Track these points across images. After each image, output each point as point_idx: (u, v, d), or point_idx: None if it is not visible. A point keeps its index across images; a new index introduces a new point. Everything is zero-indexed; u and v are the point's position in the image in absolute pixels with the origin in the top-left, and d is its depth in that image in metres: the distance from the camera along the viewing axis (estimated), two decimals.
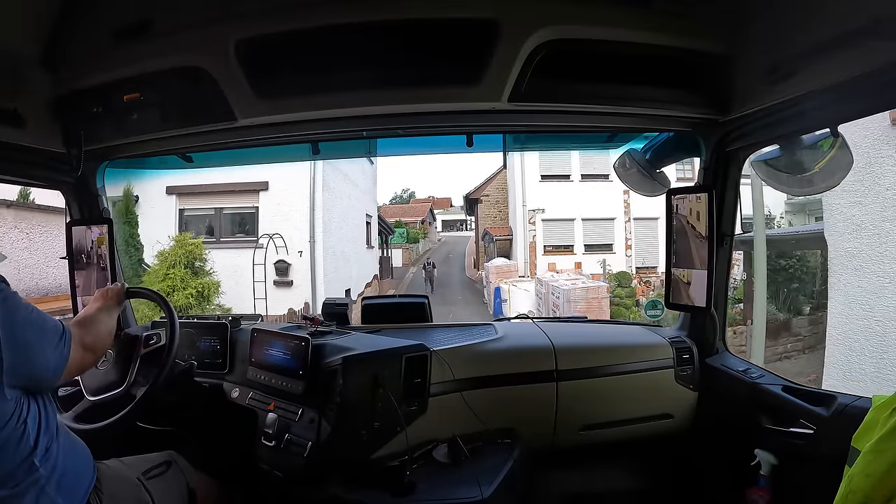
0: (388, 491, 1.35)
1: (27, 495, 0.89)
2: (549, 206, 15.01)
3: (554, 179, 15.12)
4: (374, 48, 1.31)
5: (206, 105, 1.40)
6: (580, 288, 10.23)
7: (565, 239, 15.12)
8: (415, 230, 30.15)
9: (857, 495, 0.86)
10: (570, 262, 14.66)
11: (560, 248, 15.11)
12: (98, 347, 1.14)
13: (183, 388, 1.51)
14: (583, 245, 15.01)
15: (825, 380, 3.13)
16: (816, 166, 1.29)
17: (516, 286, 12.19)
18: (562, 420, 1.70)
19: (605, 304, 10.20)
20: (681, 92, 1.42)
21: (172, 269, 7.99)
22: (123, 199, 8.09)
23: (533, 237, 15.15)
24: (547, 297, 10.78)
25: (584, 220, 14.96)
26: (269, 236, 9.66)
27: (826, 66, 1.10)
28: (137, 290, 1.45)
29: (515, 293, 11.93)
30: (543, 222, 15.15)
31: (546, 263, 14.64)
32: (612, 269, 13.49)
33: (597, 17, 1.28)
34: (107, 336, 1.19)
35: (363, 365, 1.47)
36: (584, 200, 14.64)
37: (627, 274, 13.30)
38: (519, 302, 11.49)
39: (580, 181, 14.95)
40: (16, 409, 0.88)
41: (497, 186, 20.00)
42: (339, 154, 3.16)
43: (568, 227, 15.07)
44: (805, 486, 1.38)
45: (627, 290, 12.42)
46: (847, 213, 2.98)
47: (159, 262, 8.12)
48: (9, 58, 1.30)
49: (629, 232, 14.82)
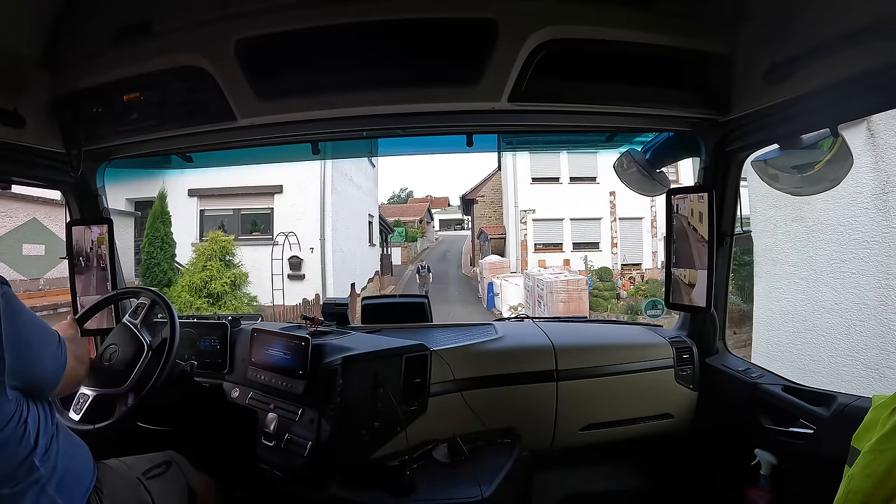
0: (388, 491, 1.35)
1: (28, 495, 0.89)
2: (539, 206, 16.12)
3: (544, 182, 16.24)
4: (374, 48, 1.31)
5: (206, 105, 1.40)
6: (561, 281, 11.21)
7: (554, 237, 16.23)
8: (413, 229, 30.50)
9: (857, 495, 0.86)
10: (560, 259, 15.68)
11: (550, 247, 16.23)
12: (85, 361, 1.19)
13: (183, 388, 1.51)
14: (571, 243, 16.11)
15: (753, 354, 3.55)
16: (816, 166, 1.29)
17: (507, 281, 13.17)
18: (562, 420, 1.70)
19: (584, 296, 11.16)
20: (680, 92, 1.42)
21: (210, 262, 9.28)
22: (158, 201, 9.28)
23: (524, 236, 16.27)
24: (533, 290, 11.79)
25: (572, 219, 16.08)
26: (285, 234, 10.77)
27: (826, 66, 1.10)
28: (86, 313, 1.47)
29: (506, 287, 12.91)
30: (534, 222, 16.27)
31: (536, 260, 15.67)
32: (594, 265, 14.64)
33: (596, 17, 1.28)
34: (87, 353, 1.25)
35: (363, 365, 1.47)
36: (572, 201, 15.76)
37: (608, 269, 14.45)
38: (509, 295, 12.57)
39: (569, 183, 16.10)
40: (16, 409, 0.88)
41: (492, 187, 21.04)
42: (339, 154, 3.16)
43: (557, 227, 16.20)
44: (805, 486, 1.38)
45: (608, 284, 13.70)
46: (766, 215, 3.38)
47: (197, 256, 9.44)
48: (9, 58, 1.30)
49: (615, 231, 15.85)
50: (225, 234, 9.89)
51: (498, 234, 19.21)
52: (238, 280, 9.55)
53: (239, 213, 11.49)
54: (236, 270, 9.58)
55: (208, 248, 9.42)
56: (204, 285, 9.13)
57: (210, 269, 9.19)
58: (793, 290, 3.11)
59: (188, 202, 10.95)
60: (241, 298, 9.52)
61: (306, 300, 10.12)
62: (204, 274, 9.12)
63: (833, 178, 1.29)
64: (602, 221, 15.97)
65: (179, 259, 9.76)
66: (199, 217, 11.33)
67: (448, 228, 39.61)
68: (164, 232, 9.29)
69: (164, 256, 9.26)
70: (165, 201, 9.44)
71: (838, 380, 2.70)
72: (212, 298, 9.15)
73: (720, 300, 1.73)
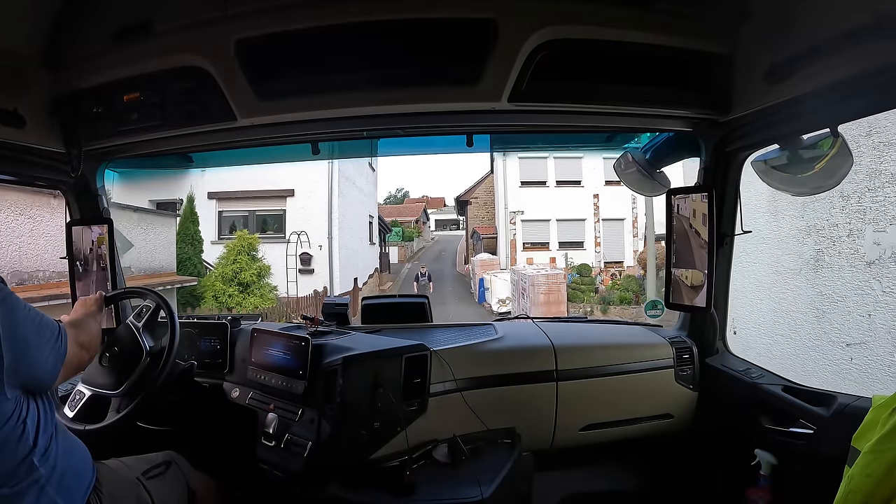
0: (388, 491, 1.35)
1: (27, 495, 0.89)
2: (527, 208, 17.48)
3: (532, 185, 17.54)
4: (373, 48, 1.31)
5: (207, 105, 1.40)
6: (542, 275, 12.63)
7: (542, 237, 17.61)
8: (410, 229, 30.90)
9: (857, 495, 0.86)
10: (546, 257, 16.97)
11: (537, 245, 17.59)
12: (92, 346, 1.19)
13: (183, 388, 1.51)
14: (557, 242, 17.52)
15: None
16: (817, 166, 1.29)
17: (496, 276, 14.89)
18: (562, 420, 1.70)
19: (562, 288, 12.75)
20: (681, 92, 1.42)
21: (239, 256, 11.03)
22: (187, 203, 10.80)
23: (513, 236, 17.63)
24: (518, 284, 13.33)
25: (558, 220, 17.46)
26: (297, 234, 12.05)
27: (826, 66, 1.10)
28: (117, 295, 1.54)
29: (496, 282, 14.66)
30: (522, 222, 17.62)
31: (525, 259, 16.93)
32: (574, 262, 16.34)
33: (596, 17, 1.28)
34: (97, 335, 1.24)
35: (363, 365, 1.47)
36: (558, 203, 17.15)
37: (587, 266, 16.10)
38: (498, 289, 14.42)
39: (555, 187, 17.44)
40: (15, 409, 0.88)
41: (485, 189, 22.06)
42: (339, 154, 3.16)
43: (544, 227, 17.59)
44: (805, 486, 1.38)
45: (587, 280, 15.35)
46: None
47: (227, 251, 11.17)
48: (9, 58, 1.30)
49: (598, 231, 17.30)
50: (250, 233, 11.60)
51: (490, 233, 20.24)
52: (262, 272, 11.34)
53: (254, 214, 12.76)
54: (260, 264, 11.36)
55: (237, 245, 11.18)
56: (234, 276, 10.88)
57: (239, 262, 10.99)
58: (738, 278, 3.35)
59: (207, 204, 11.99)
60: (264, 287, 11.33)
61: (316, 291, 11.63)
62: (234, 266, 10.94)
63: (833, 177, 1.29)
64: (586, 222, 17.29)
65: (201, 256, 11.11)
66: (218, 218, 12.53)
67: (444, 228, 39.82)
68: (194, 231, 10.76)
69: (194, 251, 10.70)
70: (193, 203, 10.84)
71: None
72: (241, 287, 10.94)
73: (720, 300, 1.73)
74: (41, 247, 6.08)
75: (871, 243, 2.39)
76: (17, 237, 6.00)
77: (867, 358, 2.38)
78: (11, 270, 5.93)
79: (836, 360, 2.53)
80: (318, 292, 11.58)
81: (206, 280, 10.76)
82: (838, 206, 2.56)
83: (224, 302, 10.59)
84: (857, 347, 2.43)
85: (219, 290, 10.65)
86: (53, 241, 6.06)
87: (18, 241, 6.02)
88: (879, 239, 2.35)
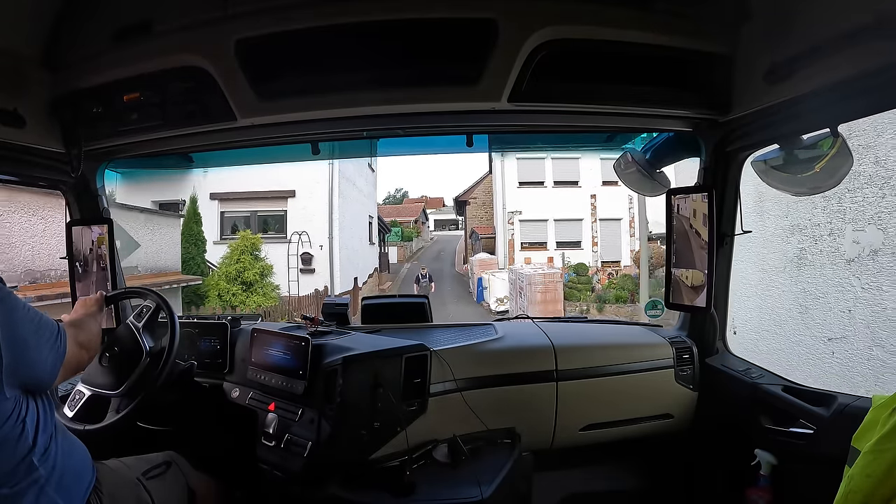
0: (388, 491, 1.35)
1: (27, 495, 0.89)
2: (526, 208, 17.58)
3: (530, 185, 17.68)
4: (374, 48, 1.31)
5: (207, 105, 1.40)
6: (539, 274, 12.81)
7: (539, 237, 17.79)
8: (409, 229, 31.01)
9: (857, 495, 0.86)
10: (544, 256, 17.22)
11: (535, 245, 17.77)
12: (92, 346, 1.18)
13: (183, 388, 1.51)
14: (555, 242, 17.71)
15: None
16: (817, 166, 1.29)
17: (494, 276, 15.06)
18: (562, 420, 1.70)
19: (559, 287, 12.90)
20: (681, 92, 1.42)
21: (242, 256, 11.18)
22: (190, 203, 10.91)
23: (511, 235, 17.76)
24: (516, 283, 13.48)
25: (555, 220, 17.65)
26: (298, 234, 12.18)
27: (826, 66, 1.10)
28: (117, 295, 1.54)
29: (494, 281, 14.81)
30: (520, 222, 17.76)
31: (523, 258, 17.02)
32: (571, 262, 16.68)
33: (596, 17, 1.28)
34: (97, 335, 1.24)
35: (363, 365, 1.47)
36: (556, 204, 17.34)
37: (584, 265, 16.38)
38: (496, 288, 14.59)
39: (553, 187, 17.61)
40: (15, 408, 0.88)
41: (484, 190, 22.37)
42: (339, 154, 3.17)
43: (542, 227, 17.79)
44: (805, 486, 1.38)
45: (583, 279, 15.67)
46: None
47: (231, 251, 11.29)
48: (9, 58, 1.30)
49: (595, 231, 17.49)
50: (252, 234, 11.71)
51: (488, 233, 20.47)
52: (265, 271, 11.51)
53: (256, 214, 12.84)
54: (263, 263, 11.53)
55: (240, 244, 11.32)
56: (238, 275, 11.01)
57: (243, 261, 11.16)
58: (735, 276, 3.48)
59: (210, 205, 12.10)
60: (267, 286, 11.47)
61: (317, 290, 11.79)
62: (238, 265, 11.11)
63: (833, 177, 1.29)
64: (584, 222, 17.50)
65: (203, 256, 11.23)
66: (220, 218, 12.65)
67: (443, 228, 39.91)
68: (197, 231, 10.92)
69: (198, 251, 10.88)
70: (197, 204, 10.98)
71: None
72: (244, 285, 11.06)
73: (720, 300, 1.73)
74: (53, 246, 6.11)
75: (851, 242, 2.46)
76: (31, 237, 6.07)
77: (847, 352, 2.45)
78: (25, 269, 6.02)
79: (819, 355, 2.60)
80: (318, 291, 11.75)
81: (210, 279, 10.92)
82: (820, 206, 2.65)
83: (228, 301, 10.72)
84: (838, 342, 2.50)
85: (223, 288, 10.84)
86: (64, 240, 6.10)
87: (31, 241, 6.08)
88: (858, 238, 2.42)
